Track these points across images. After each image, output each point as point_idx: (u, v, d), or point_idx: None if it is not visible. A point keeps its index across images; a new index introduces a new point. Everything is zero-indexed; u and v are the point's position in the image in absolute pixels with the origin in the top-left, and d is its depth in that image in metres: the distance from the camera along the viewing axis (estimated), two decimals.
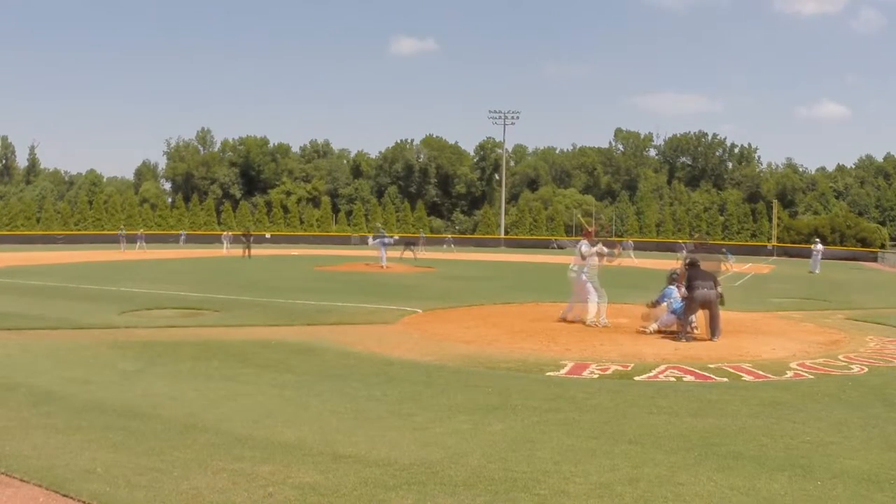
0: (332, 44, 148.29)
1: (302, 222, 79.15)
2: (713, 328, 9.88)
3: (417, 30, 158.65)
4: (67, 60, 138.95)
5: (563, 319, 11.36)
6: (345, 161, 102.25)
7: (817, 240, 36.31)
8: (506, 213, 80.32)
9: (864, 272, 34.82)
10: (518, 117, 76.84)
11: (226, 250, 41.16)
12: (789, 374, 7.39)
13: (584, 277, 11.24)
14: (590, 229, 12.38)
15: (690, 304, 9.86)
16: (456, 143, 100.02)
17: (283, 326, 10.56)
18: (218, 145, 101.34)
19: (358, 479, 3.96)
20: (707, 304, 9.89)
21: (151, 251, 41.44)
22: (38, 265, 25.74)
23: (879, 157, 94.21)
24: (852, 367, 7.83)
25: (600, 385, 6.76)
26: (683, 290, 10.08)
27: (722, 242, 42.90)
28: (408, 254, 32.92)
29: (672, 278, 10.90)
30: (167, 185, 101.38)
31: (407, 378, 6.88)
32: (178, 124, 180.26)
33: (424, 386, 6.52)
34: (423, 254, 37.28)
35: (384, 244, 27.59)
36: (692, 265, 10.37)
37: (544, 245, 60.32)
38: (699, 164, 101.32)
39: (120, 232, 46.56)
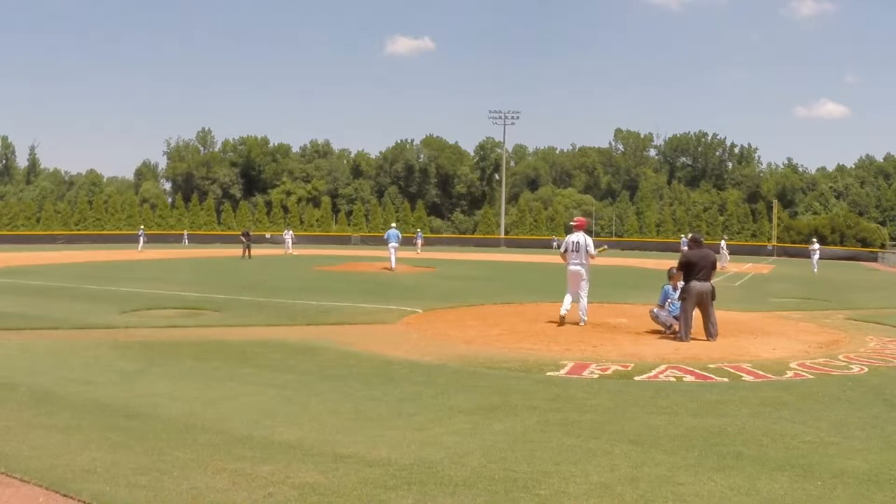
0: (332, 44, 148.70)
1: (302, 222, 79.16)
2: (708, 327, 9.71)
3: (416, 29, 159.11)
4: (68, 60, 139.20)
5: (563, 321, 10.96)
6: (345, 161, 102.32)
7: (815, 240, 36.58)
8: (506, 213, 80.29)
9: (864, 272, 34.82)
10: (518, 117, 76.92)
11: (289, 250, 41.32)
12: (789, 374, 7.39)
13: (586, 273, 11.14)
14: (581, 220, 11.92)
15: (689, 297, 9.64)
16: (456, 143, 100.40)
17: (283, 326, 10.56)
18: (218, 145, 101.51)
19: (358, 479, 3.96)
20: (702, 298, 9.68)
21: (151, 251, 41.42)
22: (38, 265, 25.73)
23: (879, 157, 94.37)
24: (852, 367, 7.82)
25: (600, 385, 6.75)
26: (679, 284, 9.97)
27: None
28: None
29: (672, 275, 10.78)
30: (167, 185, 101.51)
31: (407, 378, 6.88)
32: (178, 124, 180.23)
33: (424, 386, 6.52)
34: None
35: (395, 246, 26.00)
36: (695, 242, 10.18)
37: (544, 245, 60.29)
38: (699, 164, 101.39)
39: (140, 231, 46.86)
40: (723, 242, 35.37)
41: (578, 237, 11.24)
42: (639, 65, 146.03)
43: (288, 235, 43.56)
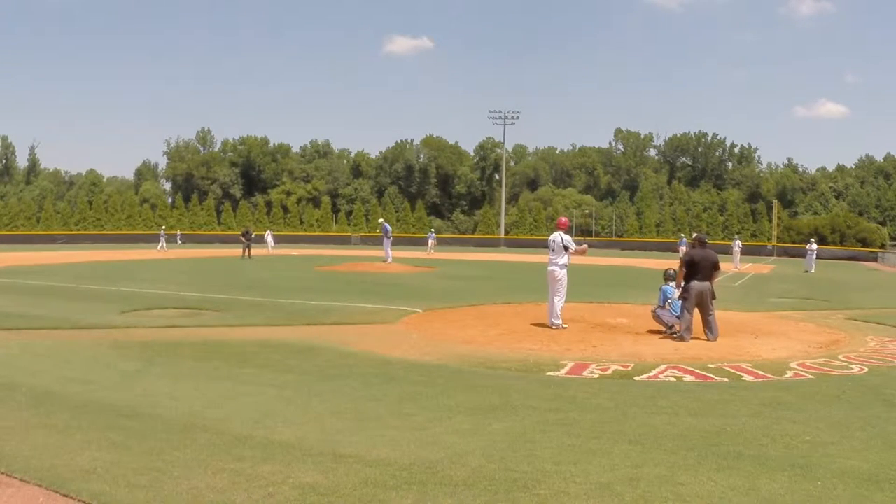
0: (332, 44, 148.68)
1: (302, 222, 79.16)
2: (709, 326, 9.73)
3: (414, 29, 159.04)
4: (68, 60, 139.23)
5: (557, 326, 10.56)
6: (345, 161, 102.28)
7: (812, 240, 36.62)
8: (506, 213, 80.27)
9: (864, 272, 34.81)
10: (518, 117, 76.84)
11: (271, 249, 42.31)
12: (789, 374, 7.39)
13: (565, 274, 10.84)
14: (560, 219, 11.58)
15: (689, 297, 9.66)
16: (456, 143, 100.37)
17: (283, 326, 10.56)
18: (218, 145, 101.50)
19: (358, 479, 3.96)
20: (702, 298, 9.70)
21: (152, 252, 41.45)
22: (38, 265, 25.73)
23: (879, 157, 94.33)
24: (852, 367, 7.83)
25: (600, 385, 6.76)
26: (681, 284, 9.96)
27: (725, 243, 42.72)
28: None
29: (668, 276, 10.77)
30: (167, 185, 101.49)
31: (407, 378, 6.88)
32: (178, 124, 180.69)
33: (424, 386, 6.52)
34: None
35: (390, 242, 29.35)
36: (700, 242, 10.18)
37: (544, 245, 60.12)
38: (699, 164, 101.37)
39: (161, 232, 47.88)
40: (735, 244, 34.74)
41: (556, 236, 10.98)
42: (639, 65, 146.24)
43: (269, 236, 44.65)
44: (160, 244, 44.72)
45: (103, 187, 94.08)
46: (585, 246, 11.47)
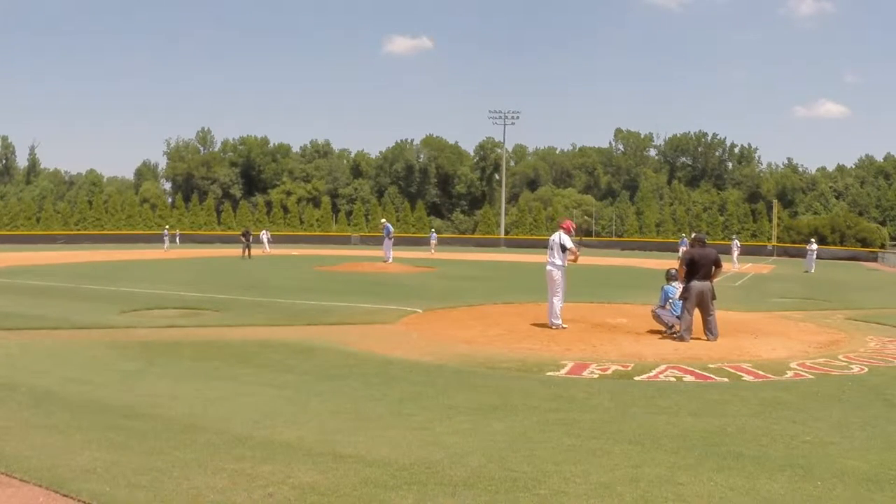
0: (332, 44, 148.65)
1: (302, 222, 79.10)
2: (709, 326, 9.74)
3: (413, 29, 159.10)
4: (68, 60, 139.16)
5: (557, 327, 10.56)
6: (345, 161, 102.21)
7: (812, 240, 36.67)
8: (506, 213, 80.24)
9: (864, 272, 34.81)
10: (518, 117, 76.75)
11: (267, 249, 41.96)
12: (789, 374, 7.39)
13: (562, 274, 10.81)
14: (561, 221, 11.57)
15: (689, 296, 9.68)
16: (456, 143, 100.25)
17: (283, 326, 10.56)
18: (218, 145, 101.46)
19: (358, 479, 3.96)
20: (702, 297, 9.72)
21: (149, 251, 41.45)
22: (38, 265, 25.73)
23: (879, 157, 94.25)
24: (852, 367, 7.83)
25: (600, 385, 6.76)
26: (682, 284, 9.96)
27: (724, 243, 42.73)
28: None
29: (669, 276, 10.76)
30: (167, 185, 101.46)
31: (407, 378, 6.89)
32: (178, 124, 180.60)
33: (424, 386, 6.52)
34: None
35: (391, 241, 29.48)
36: (699, 241, 10.22)
37: (544, 245, 60.06)
38: (699, 164, 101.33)
39: (164, 232, 48.76)
40: (733, 243, 34.72)
41: (556, 236, 10.97)
42: (639, 65, 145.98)
43: (265, 235, 44.58)
44: (165, 244, 45.26)
45: (103, 187, 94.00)
46: (578, 253, 11.40)
